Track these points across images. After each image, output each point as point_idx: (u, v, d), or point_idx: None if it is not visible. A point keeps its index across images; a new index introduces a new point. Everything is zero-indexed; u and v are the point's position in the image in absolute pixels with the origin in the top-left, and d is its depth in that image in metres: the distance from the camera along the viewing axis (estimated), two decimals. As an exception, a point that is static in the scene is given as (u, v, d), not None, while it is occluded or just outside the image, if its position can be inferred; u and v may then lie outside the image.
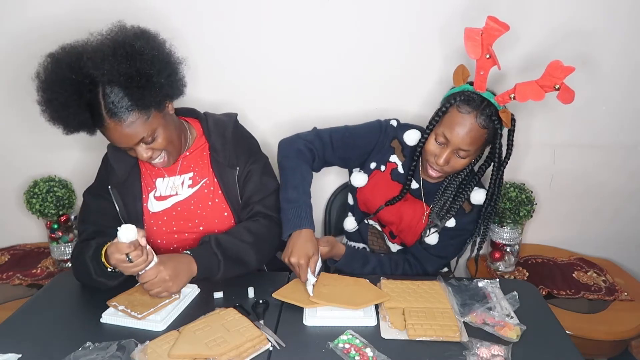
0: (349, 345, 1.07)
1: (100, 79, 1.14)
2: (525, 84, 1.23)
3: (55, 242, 1.84)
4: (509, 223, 1.77)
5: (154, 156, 1.27)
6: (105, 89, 1.15)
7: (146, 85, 1.16)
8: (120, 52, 1.13)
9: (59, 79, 1.15)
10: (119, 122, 1.17)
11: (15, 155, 1.95)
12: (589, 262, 1.90)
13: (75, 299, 1.30)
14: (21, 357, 1.05)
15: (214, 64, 1.76)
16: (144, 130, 1.20)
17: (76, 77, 1.15)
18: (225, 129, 1.41)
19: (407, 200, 1.49)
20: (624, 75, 1.78)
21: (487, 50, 1.23)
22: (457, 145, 1.28)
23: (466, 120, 1.26)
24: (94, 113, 1.17)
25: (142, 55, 1.15)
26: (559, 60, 1.19)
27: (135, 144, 1.22)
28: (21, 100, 1.87)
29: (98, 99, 1.15)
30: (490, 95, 1.28)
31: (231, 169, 1.39)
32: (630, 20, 1.70)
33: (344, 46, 1.76)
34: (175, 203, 1.39)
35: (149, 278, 1.15)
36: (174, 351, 1.02)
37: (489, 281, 1.31)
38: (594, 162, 1.90)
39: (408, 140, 1.45)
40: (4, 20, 1.76)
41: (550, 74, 1.19)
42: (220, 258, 1.27)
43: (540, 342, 1.10)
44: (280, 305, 1.23)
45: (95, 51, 1.14)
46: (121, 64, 1.12)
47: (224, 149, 1.39)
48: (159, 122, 1.23)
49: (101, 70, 1.12)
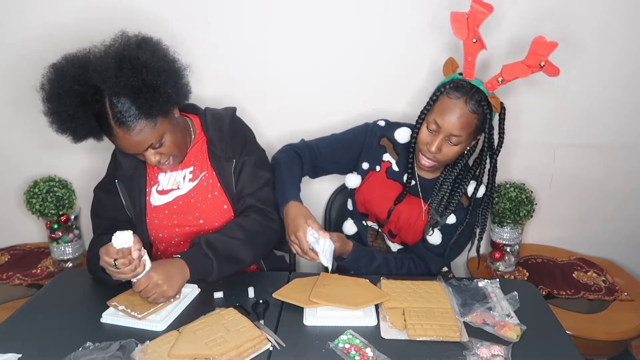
0: (349, 345, 1.07)
1: (107, 91, 1.16)
2: (512, 65, 1.28)
3: (55, 242, 1.84)
4: (509, 223, 1.77)
5: (162, 160, 1.29)
6: (112, 99, 1.17)
7: (153, 95, 1.18)
8: (126, 65, 1.14)
9: (64, 90, 1.17)
10: (127, 130, 1.19)
11: (15, 155, 1.95)
12: (589, 262, 1.90)
13: (75, 299, 1.30)
14: (21, 357, 1.05)
15: (215, 61, 1.77)
16: (152, 137, 1.23)
17: (82, 88, 1.16)
18: (223, 122, 1.42)
19: (404, 198, 1.49)
20: (624, 75, 1.78)
21: (474, 34, 1.28)
22: (449, 131, 1.30)
23: (456, 105, 1.28)
24: (102, 123, 1.20)
25: (147, 67, 1.16)
26: (542, 36, 1.22)
27: (144, 150, 1.25)
28: (21, 101, 1.87)
29: (105, 109, 1.17)
30: (479, 83, 1.31)
31: (227, 162, 1.40)
32: (630, 20, 1.70)
33: (342, 44, 1.76)
34: (177, 197, 1.41)
35: (142, 286, 1.16)
36: (174, 351, 1.02)
37: (489, 281, 1.31)
38: (594, 162, 1.90)
39: (399, 138, 1.48)
40: (5, 23, 1.77)
41: (535, 52, 1.23)
42: (212, 257, 1.27)
43: (540, 342, 1.10)
44: (280, 305, 1.23)
45: (100, 64, 1.16)
46: (127, 77, 1.14)
47: (220, 142, 1.40)
48: (165, 127, 1.25)
49: (108, 83, 1.14)
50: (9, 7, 1.74)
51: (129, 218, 1.41)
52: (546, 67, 1.24)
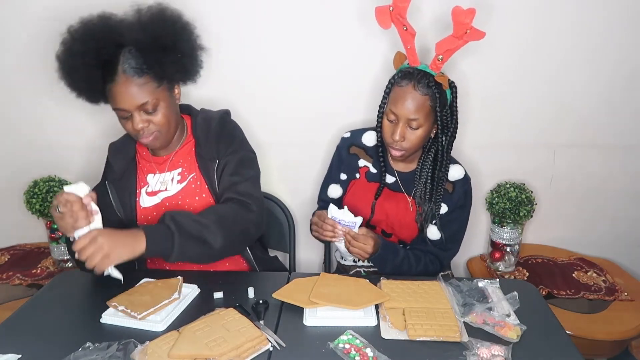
0: (349, 346, 1.07)
1: (127, 38, 1.23)
2: (442, 40, 1.37)
3: (55, 242, 1.84)
4: (509, 223, 1.77)
5: (146, 131, 1.29)
6: (127, 50, 1.23)
7: (165, 56, 1.24)
8: (149, 24, 1.23)
9: (87, 33, 1.23)
10: (130, 78, 1.23)
11: (15, 155, 1.95)
12: (589, 262, 1.90)
13: (75, 299, 1.30)
14: (21, 357, 1.05)
15: (216, 62, 1.76)
16: (149, 96, 1.25)
17: (103, 34, 1.23)
18: (211, 124, 1.42)
19: (387, 195, 1.53)
20: (624, 75, 1.78)
21: (403, 23, 1.37)
22: (406, 116, 1.35)
23: (406, 91, 1.35)
24: (109, 69, 1.23)
25: (172, 23, 1.25)
26: (459, 6, 1.31)
27: (136, 108, 1.25)
28: (21, 101, 1.87)
29: (118, 57, 1.23)
30: (425, 67, 1.39)
31: (211, 162, 1.40)
32: (630, 20, 1.70)
33: (339, 48, 1.76)
34: (165, 198, 1.41)
35: (81, 244, 1.10)
36: (174, 351, 1.02)
37: (489, 281, 1.31)
38: (594, 162, 1.90)
39: (367, 142, 1.56)
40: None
41: (458, 22, 1.32)
42: (174, 231, 1.19)
43: (540, 342, 1.10)
44: (280, 305, 1.23)
45: (126, 18, 1.26)
46: (147, 32, 1.22)
47: (206, 143, 1.40)
48: (164, 97, 1.29)
49: (128, 35, 1.22)
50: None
51: (119, 219, 1.41)
52: (471, 34, 1.33)
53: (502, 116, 1.83)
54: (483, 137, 1.85)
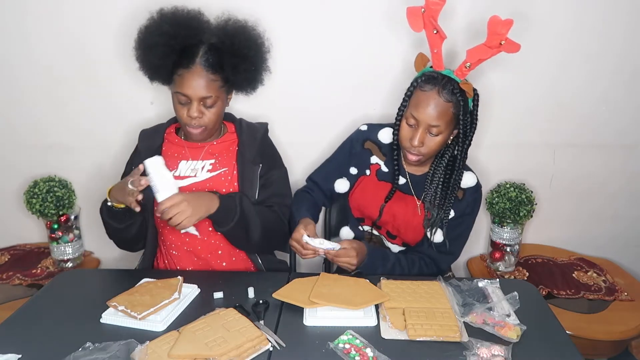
0: (349, 346, 1.07)
1: (212, 37, 1.35)
2: (474, 48, 1.31)
3: (55, 242, 1.84)
4: (509, 223, 1.77)
5: (199, 120, 1.38)
6: (207, 47, 1.35)
7: (241, 62, 1.36)
8: (234, 32, 1.35)
9: (177, 20, 1.33)
10: (204, 71, 1.33)
11: (15, 155, 1.95)
12: (589, 262, 1.90)
13: (75, 299, 1.30)
14: (21, 357, 1.05)
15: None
16: (213, 92, 1.36)
17: (191, 26, 1.34)
18: (257, 132, 1.54)
19: (397, 197, 1.50)
20: (624, 75, 1.78)
21: (433, 25, 1.30)
22: (427, 122, 1.32)
23: (429, 97, 1.31)
24: (187, 56, 1.33)
25: (255, 39, 1.38)
26: (496, 15, 1.24)
27: (199, 99, 1.35)
28: (21, 101, 1.87)
29: (198, 49, 1.35)
30: (450, 72, 1.33)
31: (254, 165, 1.48)
32: (630, 20, 1.70)
33: (346, 47, 1.76)
34: (192, 184, 1.45)
35: (169, 203, 1.22)
36: (174, 351, 1.02)
37: (489, 281, 1.31)
38: (594, 162, 1.90)
39: (383, 139, 1.51)
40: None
41: (493, 32, 1.25)
42: (238, 212, 1.36)
43: (540, 342, 1.10)
44: (280, 305, 1.23)
45: (216, 20, 1.39)
46: (230, 39, 1.34)
47: (251, 147, 1.50)
48: (222, 98, 1.41)
49: (216, 32, 1.35)
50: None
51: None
52: (506, 45, 1.27)
53: (502, 116, 1.83)
54: (483, 137, 1.85)
